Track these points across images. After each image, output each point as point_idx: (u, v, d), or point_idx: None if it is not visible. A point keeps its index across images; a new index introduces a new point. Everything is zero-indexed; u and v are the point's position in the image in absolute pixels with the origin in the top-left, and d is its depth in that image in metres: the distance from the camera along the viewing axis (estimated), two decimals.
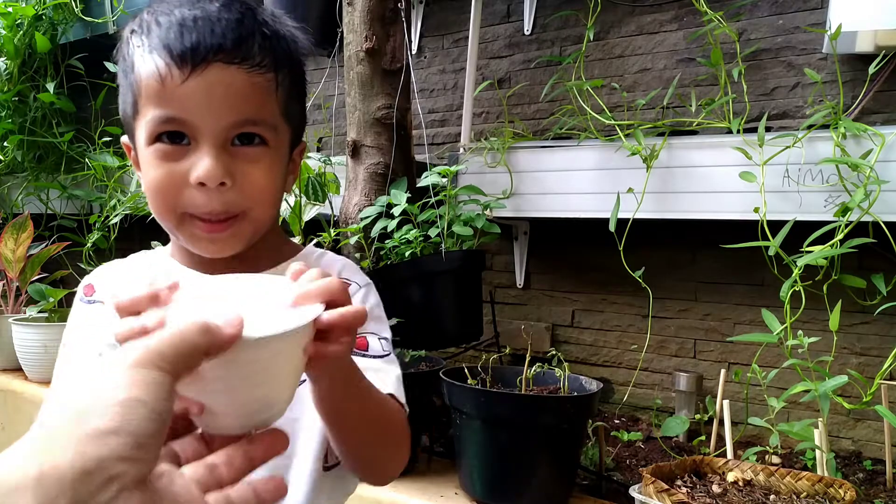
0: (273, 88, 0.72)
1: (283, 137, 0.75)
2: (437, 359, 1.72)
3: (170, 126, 0.70)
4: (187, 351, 0.43)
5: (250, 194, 0.72)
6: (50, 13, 2.85)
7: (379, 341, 0.82)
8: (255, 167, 0.72)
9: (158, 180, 0.71)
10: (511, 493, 1.36)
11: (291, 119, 0.76)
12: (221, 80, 0.68)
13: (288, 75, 0.74)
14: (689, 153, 1.69)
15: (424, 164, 1.90)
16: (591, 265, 2.10)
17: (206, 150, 0.69)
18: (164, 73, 0.68)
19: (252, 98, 0.70)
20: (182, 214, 0.73)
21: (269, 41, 0.72)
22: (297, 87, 0.77)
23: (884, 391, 1.41)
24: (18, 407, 2.19)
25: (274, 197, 0.76)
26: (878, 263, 1.58)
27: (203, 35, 0.68)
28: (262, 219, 0.75)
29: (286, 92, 0.74)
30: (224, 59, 0.68)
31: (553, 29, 2.19)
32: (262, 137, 0.72)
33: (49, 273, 2.54)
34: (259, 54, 0.70)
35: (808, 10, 1.81)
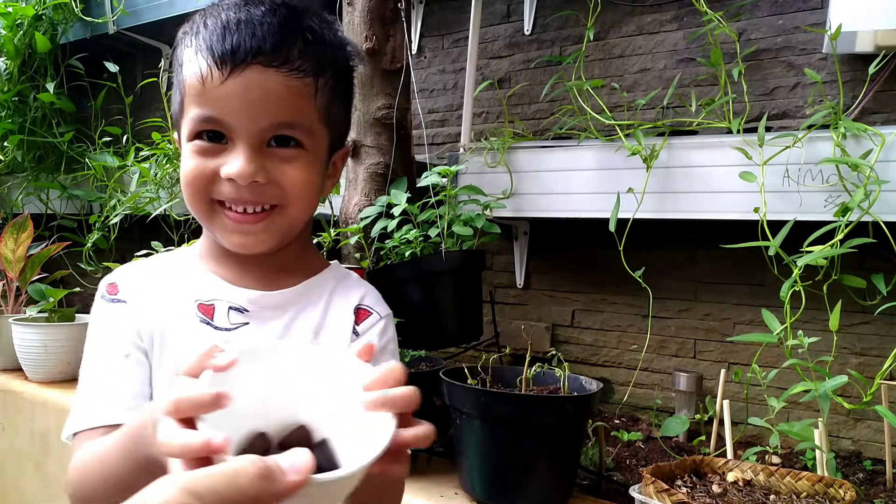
0: (311, 93, 0.72)
1: (321, 141, 0.76)
2: (437, 359, 1.72)
3: (208, 125, 0.71)
4: (235, 496, 0.38)
5: (286, 189, 0.73)
6: (50, 13, 2.85)
7: None
8: (290, 166, 0.73)
9: (192, 169, 0.73)
10: (511, 492, 1.36)
11: (332, 123, 0.77)
12: (259, 82, 0.69)
13: (330, 80, 0.74)
14: (689, 153, 1.69)
15: (424, 164, 1.90)
16: (591, 265, 2.10)
17: (240, 150, 0.71)
18: (205, 73, 0.70)
19: (288, 102, 0.71)
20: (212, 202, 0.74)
21: (312, 46, 0.72)
22: (341, 92, 0.78)
23: (884, 391, 1.41)
24: (18, 407, 2.19)
25: (310, 196, 0.76)
26: (878, 263, 1.58)
27: (244, 38, 0.69)
28: (297, 216, 0.76)
29: (327, 97, 0.74)
30: (263, 61, 0.69)
31: (553, 29, 2.19)
32: (298, 141, 0.73)
33: (49, 273, 2.54)
34: (299, 59, 0.71)
35: (808, 10, 1.81)
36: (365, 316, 0.83)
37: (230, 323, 0.77)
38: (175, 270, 0.82)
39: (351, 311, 0.82)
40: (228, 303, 0.78)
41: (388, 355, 0.84)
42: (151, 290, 0.80)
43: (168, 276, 0.81)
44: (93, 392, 0.76)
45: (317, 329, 0.80)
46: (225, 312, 0.77)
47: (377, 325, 0.83)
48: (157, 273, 0.82)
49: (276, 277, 0.80)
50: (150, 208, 2.29)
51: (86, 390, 0.76)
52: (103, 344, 0.78)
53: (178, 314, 0.77)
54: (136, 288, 0.80)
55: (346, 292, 0.84)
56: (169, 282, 0.80)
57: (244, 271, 0.79)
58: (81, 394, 0.76)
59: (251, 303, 0.78)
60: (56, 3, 2.79)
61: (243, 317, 0.77)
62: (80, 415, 0.74)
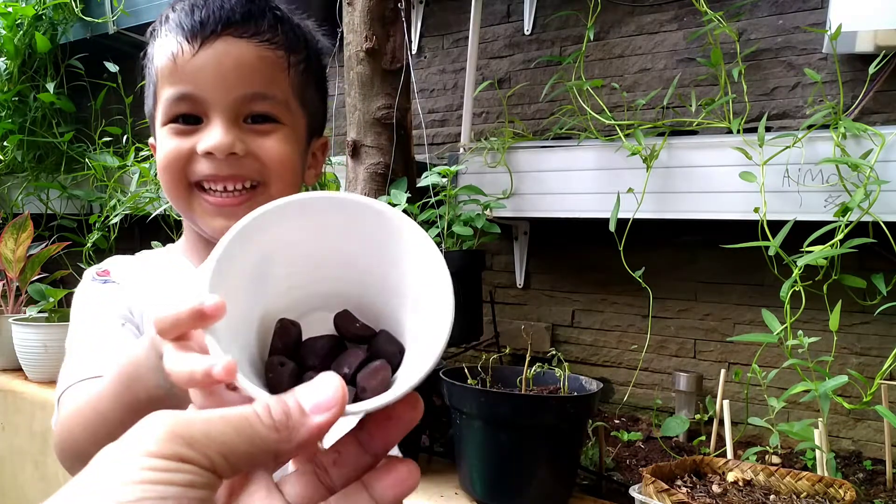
0: (284, 66, 0.72)
1: (298, 119, 0.75)
2: None
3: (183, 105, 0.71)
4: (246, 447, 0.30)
5: (265, 162, 0.72)
6: (50, 13, 2.84)
7: None
8: (268, 138, 0.72)
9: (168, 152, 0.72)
10: (511, 492, 1.36)
11: (307, 104, 0.76)
12: (230, 52, 0.69)
13: (303, 61, 0.74)
14: (689, 153, 1.69)
15: (424, 164, 1.90)
16: (591, 265, 2.10)
17: (217, 123, 0.70)
18: (176, 51, 0.70)
19: (262, 72, 0.70)
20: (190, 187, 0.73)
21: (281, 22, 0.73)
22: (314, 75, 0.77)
23: (884, 391, 1.41)
24: (18, 407, 2.19)
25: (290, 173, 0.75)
26: (878, 263, 1.58)
27: (212, 10, 0.69)
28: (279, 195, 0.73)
29: (300, 75, 0.74)
30: (233, 32, 0.69)
31: (553, 29, 2.19)
32: (274, 116, 0.72)
33: (49, 273, 2.54)
34: (269, 31, 0.71)
35: (808, 10, 1.81)
36: None
37: None
38: (162, 265, 0.82)
39: None
40: None
41: None
42: (141, 278, 0.80)
43: (156, 268, 0.82)
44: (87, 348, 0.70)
45: None
46: None
47: None
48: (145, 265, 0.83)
49: None
50: (150, 208, 2.29)
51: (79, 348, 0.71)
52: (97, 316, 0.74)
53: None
54: (127, 274, 0.80)
55: None
56: (157, 274, 0.81)
57: None
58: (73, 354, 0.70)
59: None
60: (56, 3, 2.79)
61: None
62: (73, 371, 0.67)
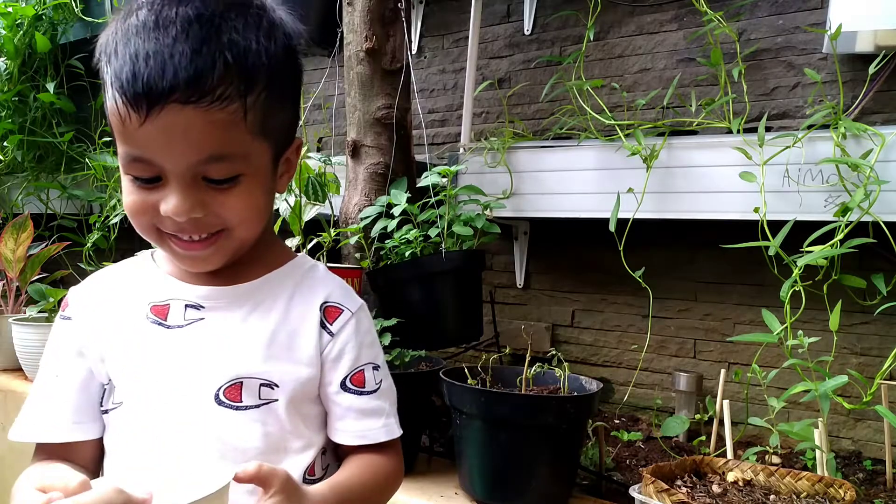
0: (239, 118, 0.67)
1: (260, 158, 0.72)
2: (437, 359, 1.72)
3: (138, 166, 0.69)
4: None
5: (228, 217, 0.71)
6: (50, 13, 2.84)
7: (374, 371, 0.83)
8: (229, 196, 0.70)
9: (133, 206, 0.72)
10: (511, 492, 1.36)
11: (271, 134, 0.72)
12: (177, 121, 0.65)
13: (263, 91, 0.69)
14: (689, 153, 1.69)
15: (424, 164, 1.90)
16: (591, 265, 2.10)
17: (173, 187, 0.68)
18: (123, 115, 0.66)
19: (213, 135, 0.66)
20: (159, 231, 0.73)
21: (235, 65, 0.66)
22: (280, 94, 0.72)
23: (884, 391, 1.41)
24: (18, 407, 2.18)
25: (258, 215, 0.74)
26: (878, 263, 1.58)
27: (155, 76, 0.63)
28: (245, 236, 0.75)
29: (261, 111, 0.69)
30: (179, 99, 0.64)
31: (553, 29, 2.19)
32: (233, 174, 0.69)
33: (49, 273, 2.54)
34: (220, 86, 0.65)
35: (808, 10, 1.81)
36: (336, 314, 0.81)
37: (185, 320, 0.77)
38: (130, 277, 0.82)
39: (317, 309, 0.80)
40: (184, 301, 0.77)
41: (366, 350, 0.83)
42: (101, 302, 0.80)
43: (122, 283, 0.82)
44: (27, 407, 0.80)
45: (277, 324, 0.78)
46: (181, 310, 0.77)
47: (350, 323, 0.82)
48: (110, 283, 0.83)
49: (234, 272, 0.79)
50: None
51: (26, 404, 0.80)
52: (44, 361, 0.81)
53: (128, 320, 0.78)
54: (84, 303, 0.81)
55: (311, 287, 0.82)
56: (122, 290, 0.81)
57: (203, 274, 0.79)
58: (24, 405, 0.80)
59: (206, 298, 0.77)
60: (56, 3, 2.79)
61: (199, 313, 0.77)
62: (15, 427, 0.79)
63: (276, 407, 0.76)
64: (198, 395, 0.75)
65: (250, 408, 0.75)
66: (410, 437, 1.59)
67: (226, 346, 0.76)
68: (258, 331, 0.77)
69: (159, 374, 0.76)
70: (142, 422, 0.76)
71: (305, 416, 0.80)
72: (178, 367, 0.75)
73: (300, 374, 0.78)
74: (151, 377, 0.76)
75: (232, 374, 0.75)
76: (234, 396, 0.74)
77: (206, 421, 0.74)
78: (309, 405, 0.80)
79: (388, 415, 0.83)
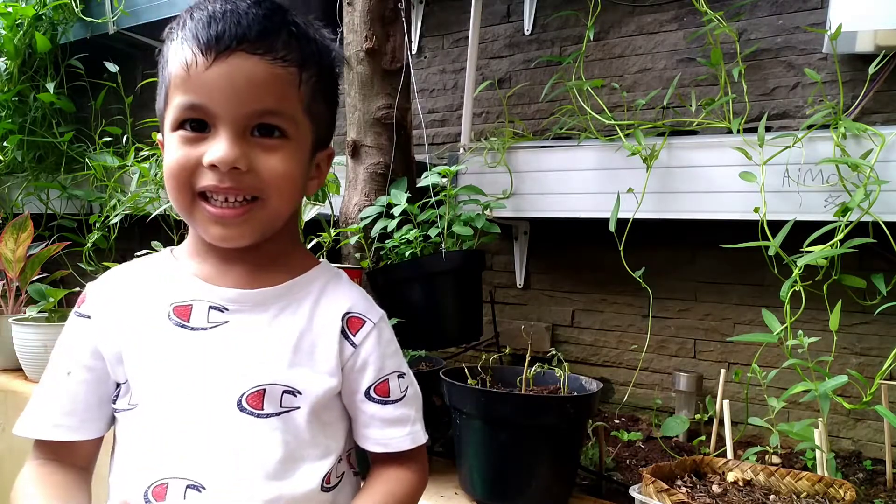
0: (295, 83, 0.73)
1: (305, 133, 0.76)
2: (437, 359, 1.72)
3: (192, 113, 0.72)
4: None
5: (266, 179, 0.73)
6: (50, 13, 2.84)
7: (399, 379, 0.84)
8: (272, 156, 0.73)
9: (175, 160, 0.73)
10: (511, 492, 1.36)
11: (316, 118, 0.77)
12: (243, 69, 0.70)
13: (315, 75, 0.75)
14: (689, 153, 1.69)
15: (424, 164, 1.90)
16: (591, 265, 2.10)
17: (223, 136, 0.71)
18: (189, 60, 0.71)
19: (273, 88, 0.71)
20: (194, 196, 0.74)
21: (296, 39, 0.73)
22: (325, 89, 0.78)
23: (884, 391, 1.41)
24: (18, 407, 2.18)
25: (291, 189, 0.76)
26: (878, 263, 1.58)
27: (229, 25, 0.70)
28: (277, 209, 0.75)
29: (311, 90, 0.75)
30: (247, 48, 0.70)
31: (553, 29, 2.19)
32: (282, 129, 0.73)
33: (49, 273, 2.54)
34: (283, 49, 0.72)
35: (808, 10, 1.81)
36: (359, 325, 0.81)
37: (208, 322, 0.76)
38: (151, 274, 0.81)
39: (339, 318, 0.80)
40: (208, 302, 0.77)
41: (390, 359, 0.83)
42: (120, 301, 0.79)
43: (143, 281, 0.80)
44: (33, 403, 0.79)
45: (301, 331, 0.78)
46: (205, 312, 0.76)
47: (373, 334, 0.82)
48: (130, 280, 0.81)
49: (259, 275, 0.79)
50: (150, 208, 2.28)
51: (32, 399, 0.80)
52: (56, 357, 0.81)
53: (149, 320, 0.77)
54: (103, 300, 0.80)
55: (335, 296, 0.82)
56: (142, 288, 0.79)
57: (226, 269, 0.78)
58: (31, 401, 0.80)
59: (231, 301, 0.77)
60: (56, 3, 2.79)
61: (223, 315, 0.76)
62: (20, 421, 0.79)
63: (298, 415, 0.76)
64: (220, 400, 0.74)
65: (271, 415, 0.75)
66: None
67: (250, 351, 0.76)
68: (283, 337, 0.77)
69: (181, 377, 0.75)
70: (159, 425, 0.75)
71: (325, 424, 0.79)
72: (201, 371, 0.75)
73: (322, 382, 0.78)
74: (172, 380, 0.75)
75: (256, 381, 0.75)
76: (256, 404, 0.74)
77: (227, 427, 0.73)
78: (328, 413, 0.80)
79: (414, 422, 0.84)
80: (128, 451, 0.77)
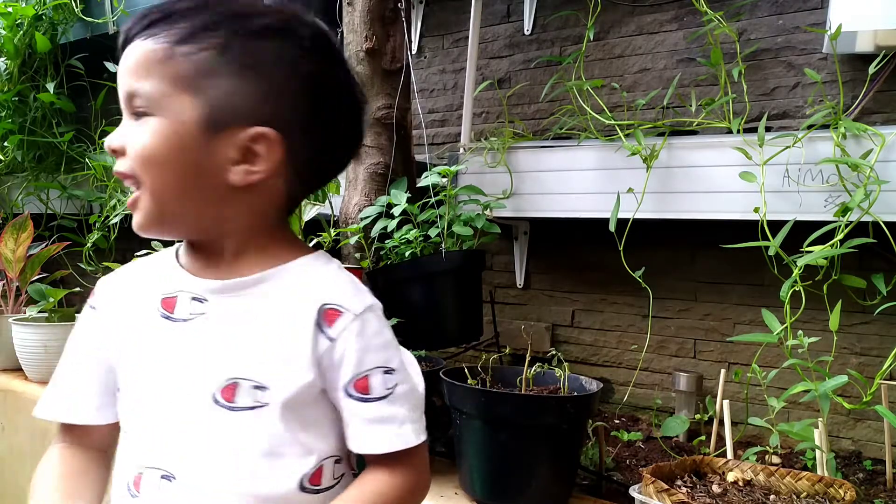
0: (163, 58, 0.70)
1: (182, 109, 0.70)
2: (437, 359, 1.72)
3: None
4: None
5: (132, 157, 0.72)
6: (50, 13, 2.84)
7: (384, 375, 0.76)
8: (137, 130, 0.72)
9: None
10: (511, 492, 1.36)
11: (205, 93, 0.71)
12: (127, 57, 0.72)
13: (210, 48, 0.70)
14: (689, 153, 1.69)
15: (424, 164, 1.90)
16: (591, 265, 2.10)
17: None
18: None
19: (136, 69, 0.71)
20: None
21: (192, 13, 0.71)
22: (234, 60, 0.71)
23: (884, 391, 1.41)
24: (19, 407, 2.19)
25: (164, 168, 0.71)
26: (878, 263, 1.58)
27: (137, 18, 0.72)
28: (160, 194, 0.72)
29: (195, 62, 0.70)
30: (136, 36, 0.72)
31: (553, 29, 2.19)
32: (145, 108, 0.71)
33: (49, 273, 2.54)
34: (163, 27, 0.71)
35: (808, 10, 1.81)
36: (335, 317, 0.74)
37: (190, 314, 0.76)
38: (151, 270, 0.83)
39: (314, 310, 0.74)
40: (190, 293, 0.76)
41: (374, 353, 0.75)
42: (122, 294, 0.81)
43: (142, 276, 0.82)
44: (52, 386, 0.82)
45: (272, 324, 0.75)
46: (187, 303, 0.76)
47: (352, 326, 0.74)
48: (133, 276, 0.83)
49: (237, 266, 0.77)
50: None
51: (50, 382, 0.83)
52: (69, 344, 0.83)
53: (141, 313, 0.78)
54: (109, 295, 0.82)
55: (313, 287, 0.76)
56: (141, 282, 0.81)
57: (207, 261, 0.78)
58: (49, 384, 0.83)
59: (209, 291, 0.76)
60: (56, 3, 2.79)
61: (202, 306, 0.76)
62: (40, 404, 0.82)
63: (269, 411, 0.73)
64: (195, 392, 0.74)
65: (245, 409, 0.73)
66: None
67: (223, 343, 0.74)
68: (253, 330, 0.75)
69: (161, 367, 0.75)
70: (141, 414, 0.76)
71: (306, 422, 0.75)
72: (180, 362, 0.75)
73: (294, 377, 0.74)
74: (153, 370, 0.76)
75: (228, 374, 0.73)
76: (229, 397, 0.73)
77: (201, 420, 0.73)
78: (312, 411, 0.76)
79: (404, 422, 0.76)
80: (122, 439, 0.79)
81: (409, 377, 0.79)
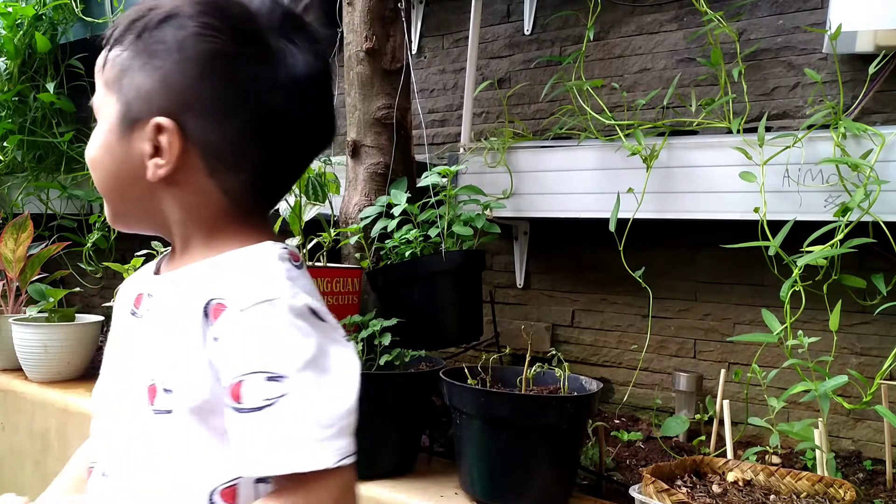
0: (103, 63, 0.73)
1: (111, 110, 0.72)
2: (437, 359, 1.72)
3: None
4: None
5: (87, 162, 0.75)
6: (50, 13, 2.85)
7: (266, 383, 0.61)
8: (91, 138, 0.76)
9: None
10: (511, 493, 1.36)
11: (124, 90, 0.71)
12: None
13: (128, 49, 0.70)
14: (689, 153, 1.69)
15: (424, 164, 1.90)
16: (591, 265, 2.10)
17: None
18: None
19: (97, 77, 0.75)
20: None
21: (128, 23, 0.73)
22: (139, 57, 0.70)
23: (884, 391, 1.41)
24: (18, 407, 2.19)
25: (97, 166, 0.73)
26: (878, 263, 1.58)
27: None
28: (103, 193, 0.76)
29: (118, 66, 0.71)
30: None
31: (553, 29, 2.19)
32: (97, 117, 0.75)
33: (49, 273, 2.54)
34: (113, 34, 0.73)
35: (808, 10, 1.81)
36: (219, 312, 0.64)
37: (146, 309, 0.76)
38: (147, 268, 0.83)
39: (201, 308, 0.66)
40: (147, 290, 0.77)
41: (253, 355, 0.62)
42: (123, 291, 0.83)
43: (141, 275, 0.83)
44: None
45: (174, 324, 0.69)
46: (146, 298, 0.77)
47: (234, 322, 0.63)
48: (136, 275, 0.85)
49: (183, 261, 0.74)
50: None
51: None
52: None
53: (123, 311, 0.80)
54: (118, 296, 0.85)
55: (211, 281, 0.68)
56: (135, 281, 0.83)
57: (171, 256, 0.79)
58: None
59: (155, 287, 0.76)
60: (56, 3, 2.80)
61: (149, 301, 0.76)
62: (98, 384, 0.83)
63: (176, 417, 0.67)
64: (131, 392, 0.72)
65: (162, 413, 0.68)
66: (411, 437, 1.59)
67: (148, 343, 0.72)
68: (163, 331, 0.70)
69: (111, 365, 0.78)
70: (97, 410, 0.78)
71: (218, 431, 0.65)
72: (124, 360, 0.76)
73: (193, 381, 0.66)
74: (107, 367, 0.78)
75: (150, 376, 0.70)
76: (151, 398, 0.69)
77: (134, 421, 0.72)
78: (219, 419, 0.65)
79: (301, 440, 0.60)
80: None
81: (316, 385, 0.62)
